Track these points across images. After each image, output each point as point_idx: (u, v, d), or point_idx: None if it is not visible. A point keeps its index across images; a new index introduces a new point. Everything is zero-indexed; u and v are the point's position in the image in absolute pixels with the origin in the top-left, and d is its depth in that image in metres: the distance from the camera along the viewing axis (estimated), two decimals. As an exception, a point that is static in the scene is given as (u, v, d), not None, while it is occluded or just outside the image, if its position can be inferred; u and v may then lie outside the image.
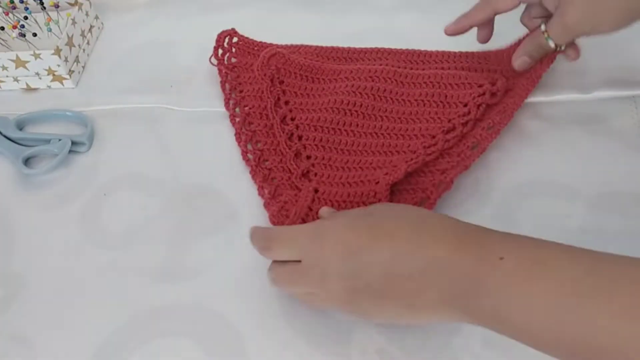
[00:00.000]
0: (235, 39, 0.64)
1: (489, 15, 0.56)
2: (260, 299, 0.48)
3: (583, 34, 0.51)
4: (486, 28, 0.58)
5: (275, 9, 0.71)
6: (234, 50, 0.64)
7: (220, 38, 0.64)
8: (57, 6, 0.69)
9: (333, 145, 0.55)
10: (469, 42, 0.59)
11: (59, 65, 0.64)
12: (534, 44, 0.54)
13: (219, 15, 0.72)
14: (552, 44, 0.52)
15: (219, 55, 0.63)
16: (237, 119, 0.59)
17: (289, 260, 0.43)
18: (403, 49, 0.62)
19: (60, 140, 0.59)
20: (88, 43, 0.69)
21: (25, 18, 0.67)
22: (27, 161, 0.60)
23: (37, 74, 0.65)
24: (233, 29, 0.64)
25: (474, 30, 0.59)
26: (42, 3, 0.67)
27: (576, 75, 0.58)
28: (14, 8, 0.68)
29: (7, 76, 0.66)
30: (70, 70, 0.65)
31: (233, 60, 0.63)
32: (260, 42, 0.65)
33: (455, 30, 0.58)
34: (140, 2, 0.75)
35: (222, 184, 0.56)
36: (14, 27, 0.66)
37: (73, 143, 0.59)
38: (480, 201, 0.51)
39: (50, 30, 0.67)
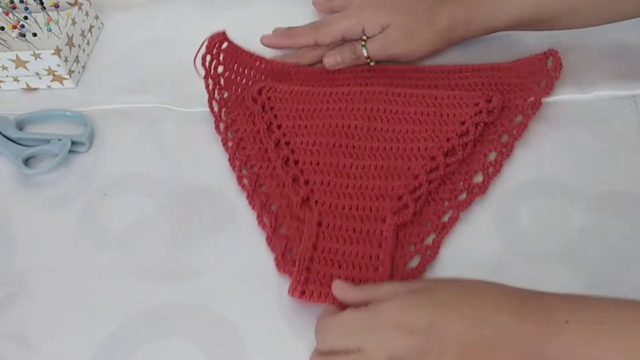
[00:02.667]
0: (225, 44, 0.61)
1: (309, 43, 0.62)
2: (260, 299, 0.48)
3: (397, 55, 0.60)
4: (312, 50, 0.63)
5: (274, 8, 0.72)
6: (221, 57, 0.61)
7: (211, 44, 0.60)
8: (57, 6, 0.69)
9: (331, 168, 0.53)
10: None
11: (59, 65, 0.64)
12: (349, 48, 0.60)
13: (219, 14, 0.72)
14: (365, 53, 0.59)
15: (207, 63, 0.60)
16: (230, 143, 0.57)
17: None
18: (395, 65, 0.61)
19: (60, 140, 0.59)
20: (88, 43, 0.69)
21: (25, 18, 0.67)
22: (27, 161, 0.59)
23: (37, 74, 0.65)
24: (223, 33, 0.61)
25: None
26: (42, 3, 0.67)
27: (576, 75, 0.58)
28: (14, 8, 0.68)
29: (7, 76, 0.66)
30: (70, 70, 0.65)
31: (220, 68, 0.61)
32: (249, 52, 0.63)
33: (273, 44, 0.63)
34: (140, 2, 0.75)
35: (222, 184, 0.55)
36: (14, 27, 0.66)
37: (73, 143, 0.59)
38: (480, 201, 0.51)
39: (50, 30, 0.67)
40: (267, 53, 0.64)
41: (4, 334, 0.48)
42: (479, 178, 0.52)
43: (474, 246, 0.49)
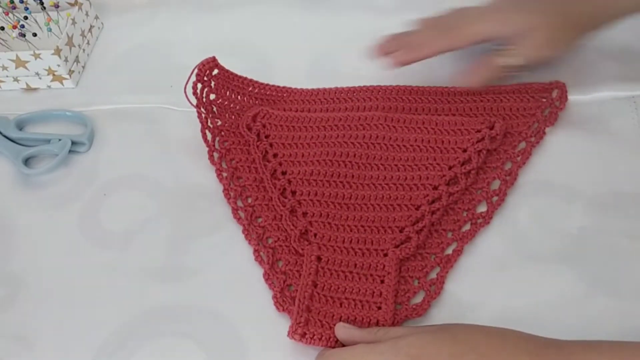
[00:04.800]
0: (215, 71, 0.58)
1: (441, 51, 0.56)
2: (260, 298, 0.48)
3: (546, 58, 0.55)
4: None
5: (274, 8, 0.72)
6: (212, 84, 0.57)
7: (201, 72, 0.56)
8: (57, 6, 0.69)
9: (330, 199, 0.51)
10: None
11: (59, 65, 0.64)
12: (487, 62, 0.54)
13: (218, 15, 0.72)
14: (512, 62, 0.53)
15: (198, 91, 0.56)
16: (225, 174, 0.55)
17: None
18: (393, 86, 0.59)
19: (60, 140, 0.59)
20: (88, 43, 0.69)
21: (25, 18, 0.67)
22: (27, 161, 0.60)
23: (37, 74, 0.65)
24: (214, 58, 0.57)
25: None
26: (42, 3, 0.67)
27: (576, 76, 0.58)
28: (14, 8, 0.68)
29: (7, 76, 0.66)
30: (70, 70, 0.65)
31: (212, 96, 0.57)
32: (240, 77, 0.60)
33: (403, 62, 0.56)
34: (140, 2, 0.75)
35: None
36: (14, 27, 0.66)
37: (73, 143, 0.59)
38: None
39: (50, 30, 0.67)
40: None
41: (4, 334, 0.48)
42: (482, 208, 0.50)
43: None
